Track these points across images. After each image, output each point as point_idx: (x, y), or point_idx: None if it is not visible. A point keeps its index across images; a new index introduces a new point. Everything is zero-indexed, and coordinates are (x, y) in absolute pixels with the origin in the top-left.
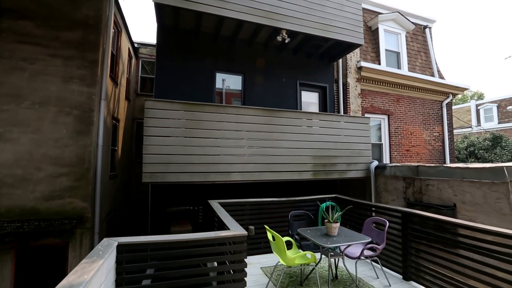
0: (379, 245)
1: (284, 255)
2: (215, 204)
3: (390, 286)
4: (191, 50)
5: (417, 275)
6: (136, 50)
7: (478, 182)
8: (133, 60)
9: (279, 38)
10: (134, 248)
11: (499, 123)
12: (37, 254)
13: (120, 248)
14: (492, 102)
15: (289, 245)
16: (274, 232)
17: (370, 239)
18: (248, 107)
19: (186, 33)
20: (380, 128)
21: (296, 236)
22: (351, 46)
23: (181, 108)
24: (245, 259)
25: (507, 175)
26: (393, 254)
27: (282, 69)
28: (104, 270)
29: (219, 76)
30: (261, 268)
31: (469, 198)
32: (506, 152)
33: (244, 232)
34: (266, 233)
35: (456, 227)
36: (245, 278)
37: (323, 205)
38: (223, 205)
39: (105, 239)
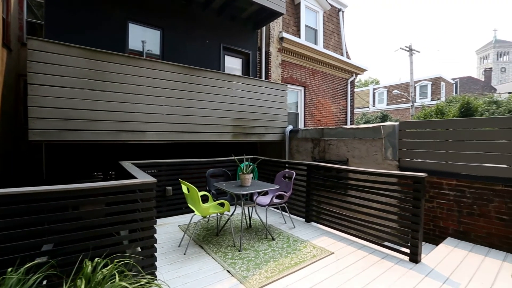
0: (286, 193)
1: (198, 206)
2: (127, 163)
3: (294, 227)
4: None
5: (317, 217)
6: None
7: (364, 139)
8: None
9: None
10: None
11: (387, 104)
12: None
13: None
14: (384, 87)
15: (206, 201)
16: (188, 183)
17: (278, 187)
18: (165, 63)
19: None
20: (298, 105)
21: (214, 191)
22: (274, 14)
23: (81, 54)
24: (154, 207)
25: (382, 132)
26: (299, 203)
27: (205, 29)
28: None
29: (133, 28)
30: (178, 226)
31: (357, 153)
32: None
33: (153, 180)
34: (184, 194)
35: (347, 173)
36: (155, 226)
37: (242, 164)
38: (137, 165)
39: None
